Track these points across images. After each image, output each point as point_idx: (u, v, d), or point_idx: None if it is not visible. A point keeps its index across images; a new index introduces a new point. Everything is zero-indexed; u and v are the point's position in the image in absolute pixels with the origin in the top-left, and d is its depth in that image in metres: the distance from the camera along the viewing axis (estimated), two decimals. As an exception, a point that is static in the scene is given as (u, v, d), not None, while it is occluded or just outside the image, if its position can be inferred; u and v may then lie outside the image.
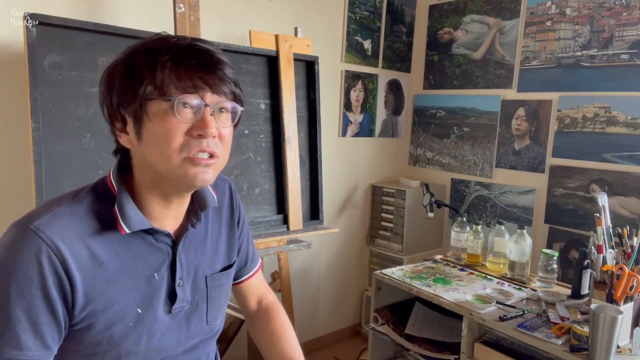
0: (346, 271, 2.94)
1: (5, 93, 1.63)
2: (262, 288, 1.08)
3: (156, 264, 0.79)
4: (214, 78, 0.73)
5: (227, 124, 0.77)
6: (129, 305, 0.75)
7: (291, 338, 1.01)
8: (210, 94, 0.73)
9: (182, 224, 0.84)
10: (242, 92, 0.81)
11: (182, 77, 0.71)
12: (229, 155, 0.80)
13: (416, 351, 1.71)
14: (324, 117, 2.24)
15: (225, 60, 0.76)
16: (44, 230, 0.68)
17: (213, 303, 0.88)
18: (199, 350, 0.88)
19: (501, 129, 2.62)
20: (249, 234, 1.03)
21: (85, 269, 0.71)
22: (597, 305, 1.29)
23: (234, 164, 1.86)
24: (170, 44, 0.73)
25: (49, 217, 0.70)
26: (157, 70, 0.71)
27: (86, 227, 0.72)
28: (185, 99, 0.71)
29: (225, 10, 2.15)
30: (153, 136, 0.72)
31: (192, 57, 0.72)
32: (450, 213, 2.92)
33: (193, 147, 0.72)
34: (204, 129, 0.71)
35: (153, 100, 0.71)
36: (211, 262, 0.89)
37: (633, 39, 2.12)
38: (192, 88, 0.71)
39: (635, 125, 2.13)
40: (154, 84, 0.71)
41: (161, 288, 0.80)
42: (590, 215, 2.24)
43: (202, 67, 0.72)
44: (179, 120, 0.71)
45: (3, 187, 1.65)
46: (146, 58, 0.72)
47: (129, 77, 0.73)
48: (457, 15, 2.81)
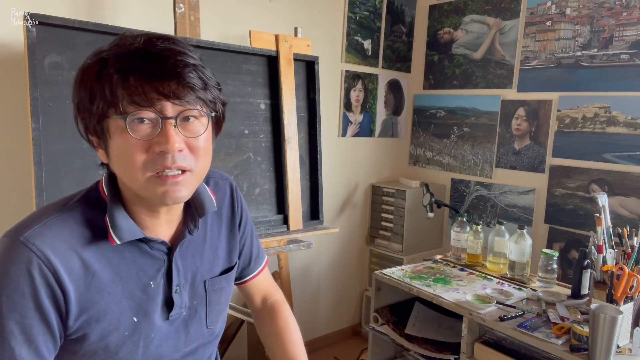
0: (346, 271, 2.94)
1: (5, 93, 1.63)
2: (267, 286, 1.06)
3: (152, 272, 0.77)
4: (171, 85, 0.65)
5: (199, 131, 0.70)
6: (124, 315, 0.73)
7: (295, 338, 0.98)
8: (171, 104, 0.66)
9: (178, 230, 0.81)
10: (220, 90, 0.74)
11: (133, 89, 0.64)
12: (209, 161, 0.74)
13: (416, 351, 1.71)
14: (324, 117, 2.24)
15: (188, 62, 0.67)
16: (34, 242, 0.66)
17: (213, 307, 0.86)
18: (198, 354, 0.86)
19: (501, 129, 2.62)
20: (253, 232, 1.00)
21: (78, 279, 0.69)
22: (597, 305, 1.28)
23: (234, 164, 1.86)
24: (121, 49, 0.66)
25: (40, 228, 0.68)
26: (105, 84, 0.64)
27: (77, 236, 0.70)
28: (138, 114, 0.65)
29: (225, 10, 2.15)
30: (116, 154, 0.68)
31: (143, 63, 0.64)
32: (450, 213, 2.92)
33: (157, 164, 0.66)
34: (165, 144, 0.65)
35: (109, 117, 0.66)
36: (210, 265, 0.86)
37: (633, 39, 2.12)
38: (146, 101, 0.64)
39: (635, 125, 2.13)
40: (105, 100, 0.65)
41: (157, 296, 0.77)
42: (590, 215, 2.24)
43: (157, 74, 0.64)
44: (136, 138, 0.65)
45: (3, 187, 1.65)
46: (96, 70, 0.66)
47: (83, 92, 0.67)
48: (457, 15, 2.81)
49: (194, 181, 0.72)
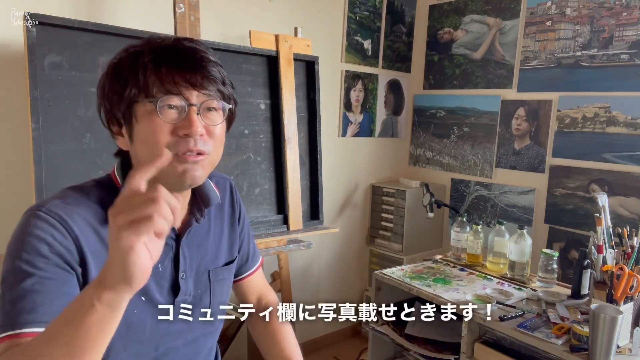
0: (346, 271, 2.93)
1: (5, 93, 1.63)
2: (262, 286, 1.10)
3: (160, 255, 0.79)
4: (197, 77, 0.74)
5: (217, 121, 0.77)
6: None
7: (290, 339, 1.01)
8: (196, 93, 0.74)
9: (185, 219, 0.86)
10: (234, 89, 0.82)
11: (165, 77, 0.72)
12: (222, 151, 0.81)
13: (416, 351, 1.71)
14: (324, 117, 2.24)
15: (211, 59, 0.76)
16: (56, 211, 0.71)
17: (216, 297, 0.90)
18: (199, 343, 0.89)
19: (501, 129, 2.62)
20: (250, 231, 1.05)
21: (95, 252, 0.73)
22: (597, 305, 1.28)
23: (234, 164, 1.86)
24: (153, 45, 0.74)
25: (60, 203, 0.73)
26: (140, 73, 0.72)
27: (94, 214, 0.75)
28: (168, 100, 0.72)
29: (225, 10, 2.15)
30: (142, 137, 0.74)
31: (174, 56, 0.73)
32: (450, 213, 2.91)
33: (180, 146, 0.73)
34: (189, 128, 0.72)
35: (139, 102, 0.73)
36: (214, 256, 0.91)
37: (633, 39, 2.12)
38: (175, 88, 0.72)
39: (635, 125, 2.13)
40: (138, 86, 0.72)
41: (164, 279, 0.81)
42: (590, 215, 2.23)
43: (185, 66, 0.73)
44: (164, 121, 0.72)
45: (3, 187, 1.65)
46: (130, 61, 0.73)
47: (115, 81, 0.74)
48: (457, 15, 2.81)
49: (209, 166, 0.78)
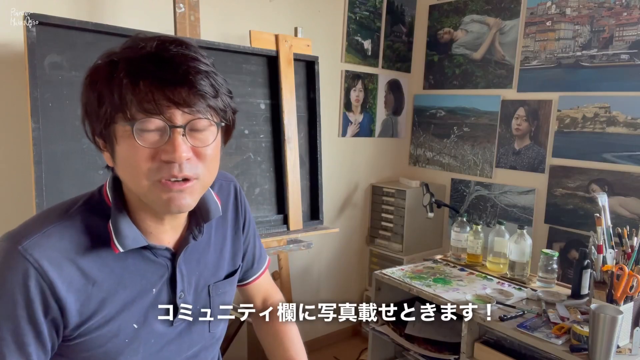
0: (346, 271, 2.94)
1: (5, 93, 1.63)
2: (268, 288, 1.05)
3: (154, 279, 0.76)
4: (182, 92, 0.63)
5: (208, 141, 0.68)
6: (125, 322, 0.73)
7: (295, 338, 0.98)
8: (181, 113, 0.64)
9: (183, 236, 0.79)
10: (231, 98, 0.71)
11: (143, 95, 0.62)
12: (216, 170, 0.73)
13: (416, 351, 1.71)
14: (324, 117, 2.24)
15: (200, 68, 0.64)
16: (32, 253, 0.65)
17: (216, 311, 0.85)
18: (200, 356, 0.86)
19: (501, 129, 2.62)
20: (256, 233, 0.99)
21: (78, 290, 0.68)
22: (597, 305, 1.29)
23: (234, 164, 1.86)
24: (133, 53, 0.64)
25: (39, 237, 0.66)
26: (115, 90, 0.62)
27: (78, 245, 0.69)
28: (147, 123, 0.63)
29: (225, 10, 2.15)
30: (122, 160, 0.66)
31: (154, 68, 0.62)
32: (450, 213, 2.91)
33: (163, 172, 0.64)
34: (172, 153, 0.63)
35: (117, 123, 0.64)
36: (214, 269, 0.85)
37: (633, 39, 2.12)
38: (155, 108, 0.62)
39: (635, 125, 2.13)
40: (114, 105, 0.63)
41: (160, 302, 0.76)
42: (590, 215, 2.23)
43: (168, 80, 0.62)
44: (143, 146, 0.63)
45: (3, 187, 1.65)
46: (106, 72, 0.64)
47: (92, 95, 0.65)
48: (457, 15, 2.81)
49: (200, 189, 0.71)
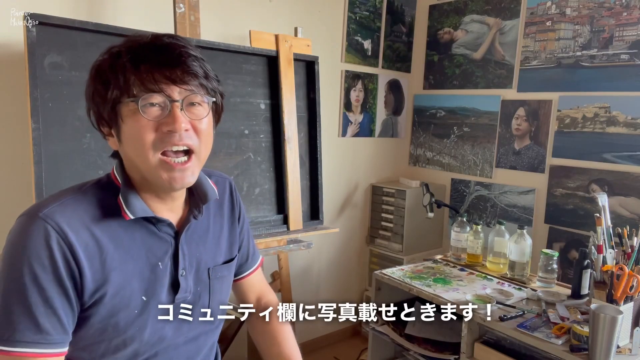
0: (346, 271, 2.94)
1: (5, 93, 1.63)
2: (262, 286, 1.10)
3: (160, 253, 0.81)
4: (177, 72, 0.73)
5: (202, 115, 0.77)
6: (134, 293, 0.77)
7: (289, 338, 1.02)
8: (178, 89, 0.74)
9: (183, 217, 0.86)
10: (219, 82, 0.81)
11: (144, 76, 0.72)
12: (210, 145, 0.81)
13: (416, 351, 1.71)
14: (324, 117, 2.24)
15: (191, 53, 0.75)
16: (53, 218, 0.71)
17: (215, 295, 0.90)
18: (200, 341, 0.89)
19: (501, 129, 2.62)
20: (249, 231, 1.06)
21: (92, 256, 0.73)
22: (597, 305, 1.29)
23: (234, 164, 1.86)
24: (132, 43, 0.74)
25: (56, 206, 0.73)
26: (119, 73, 0.72)
27: (91, 215, 0.75)
28: (150, 98, 0.72)
29: (225, 10, 2.15)
30: (128, 136, 0.75)
31: (152, 54, 0.73)
32: (450, 213, 2.91)
33: (166, 142, 0.73)
34: (173, 124, 0.73)
35: (122, 103, 0.73)
36: (213, 254, 0.91)
37: (633, 39, 2.12)
38: (156, 86, 0.72)
39: (635, 125, 2.13)
40: (119, 87, 0.72)
41: (165, 277, 0.81)
42: (590, 215, 2.23)
43: (164, 62, 0.73)
44: (147, 119, 0.72)
45: (3, 187, 1.65)
46: (110, 62, 0.74)
47: (98, 83, 0.75)
48: (457, 15, 2.81)
49: (198, 164, 0.79)
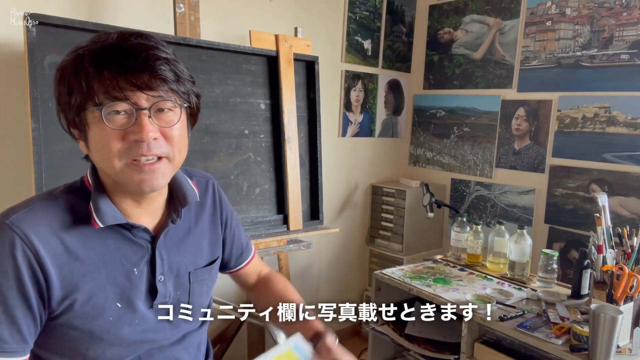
0: (346, 271, 2.94)
1: (5, 93, 1.63)
2: (260, 266, 1.11)
3: (135, 259, 0.79)
4: (144, 78, 0.68)
5: (172, 122, 0.73)
6: (108, 300, 0.75)
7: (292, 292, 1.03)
8: (145, 96, 0.69)
9: (162, 220, 0.84)
10: (193, 83, 0.77)
11: (108, 82, 0.67)
12: (186, 150, 0.78)
13: (416, 351, 1.71)
14: (324, 117, 2.24)
15: (161, 55, 0.70)
16: (19, 225, 0.69)
17: (196, 298, 0.88)
18: (187, 341, 0.89)
19: (501, 129, 2.62)
20: (238, 225, 1.04)
21: (62, 264, 0.71)
22: (597, 305, 1.28)
23: (234, 164, 1.86)
24: (95, 46, 0.70)
25: (25, 212, 0.71)
26: (82, 79, 0.68)
27: (62, 222, 0.73)
28: (114, 107, 0.68)
29: (225, 10, 2.15)
30: (94, 144, 0.72)
31: (117, 57, 0.68)
32: (450, 213, 2.91)
33: (133, 151, 0.70)
34: (140, 133, 0.69)
35: (87, 110, 0.69)
36: (194, 257, 0.89)
37: (633, 39, 2.12)
38: (120, 93, 0.68)
39: (635, 125, 2.13)
40: (82, 94, 0.68)
41: (141, 283, 0.79)
42: (590, 215, 2.23)
43: (130, 67, 0.68)
44: (112, 128, 0.69)
45: (3, 187, 1.65)
46: (73, 66, 0.70)
47: (63, 87, 0.71)
48: (457, 15, 2.81)
49: (170, 168, 0.75)
